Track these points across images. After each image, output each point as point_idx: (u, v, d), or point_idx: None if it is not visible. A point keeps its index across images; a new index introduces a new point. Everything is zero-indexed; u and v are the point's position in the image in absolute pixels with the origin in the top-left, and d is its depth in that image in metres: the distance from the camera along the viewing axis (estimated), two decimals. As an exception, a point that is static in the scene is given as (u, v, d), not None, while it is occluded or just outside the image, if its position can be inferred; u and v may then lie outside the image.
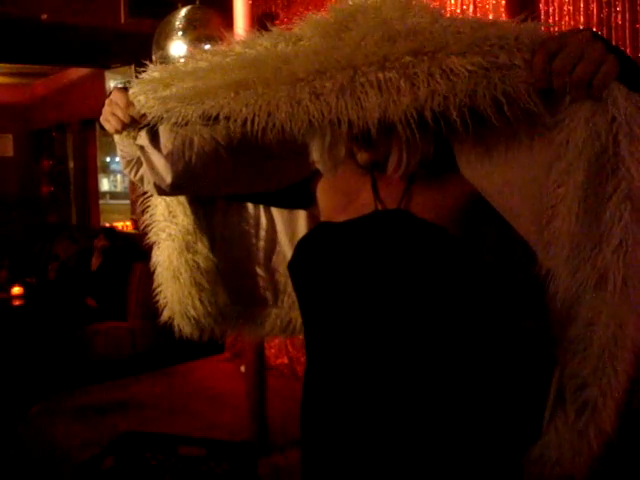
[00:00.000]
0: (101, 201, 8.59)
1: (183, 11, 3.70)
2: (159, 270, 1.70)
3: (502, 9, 2.98)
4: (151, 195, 1.66)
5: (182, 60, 1.34)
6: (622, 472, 2.71)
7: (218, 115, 1.21)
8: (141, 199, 1.70)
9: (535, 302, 1.36)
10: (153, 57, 3.71)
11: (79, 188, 8.12)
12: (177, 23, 3.66)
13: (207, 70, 1.24)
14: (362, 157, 1.32)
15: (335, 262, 1.34)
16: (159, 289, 1.70)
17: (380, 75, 1.07)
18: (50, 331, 4.84)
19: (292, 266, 1.43)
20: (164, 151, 1.41)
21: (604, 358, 1.20)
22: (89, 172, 8.01)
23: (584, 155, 0.99)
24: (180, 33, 3.63)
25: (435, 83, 1.04)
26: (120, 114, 1.36)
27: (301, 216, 1.67)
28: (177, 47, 3.63)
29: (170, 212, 1.66)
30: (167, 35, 3.66)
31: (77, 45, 5.21)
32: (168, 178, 1.44)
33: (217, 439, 2.75)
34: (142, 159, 1.45)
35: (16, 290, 5.45)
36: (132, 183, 5.71)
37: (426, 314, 1.27)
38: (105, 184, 11.17)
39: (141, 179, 1.50)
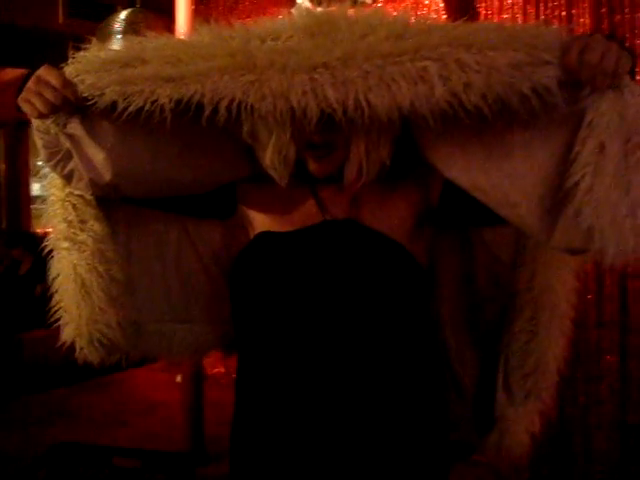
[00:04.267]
0: (33, 205, 8.34)
1: (123, 14, 3.64)
2: (60, 284, 1.45)
3: (442, 12, 3.05)
4: (48, 197, 1.45)
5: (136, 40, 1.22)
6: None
7: (178, 104, 1.14)
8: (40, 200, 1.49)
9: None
10: (91, 60, 3.63)
11: (11, 192, 7.89)
12: (117, 26, 3.59)
13: (179, 53, 1.16)
14: (319, 167, 1.31)
15: (284, 272, 1.32)
16: (59, 306, 1.46)
17: (410, 65, 1.07)
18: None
19: (234, 277, 1.39)
20: (105, 144, 1.26)
21: (545, 348, 1.38)
22: (21, 175, 7.79)
23: (614, 134, 1.07)
24: (120, 36, 3.56)
25: (472, 75, 1.06)
26: (50, 95, 1.16)
27: (216, 226, 1.59)
28: (116, 50, 3.57)
29: (78, 217, 1.42)
30: (106, 38, 3.58)
31: (12, 45, 5.07)
32: (107, 175, 1.28)
33: (153, 450, 2.70)
34: (73, 152, 1.27)
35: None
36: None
37: (376, 323, 1.28)
38: (37, 188, 10.83)
39: (69, 175, 1.32)
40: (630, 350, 2.71)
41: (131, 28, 3.58)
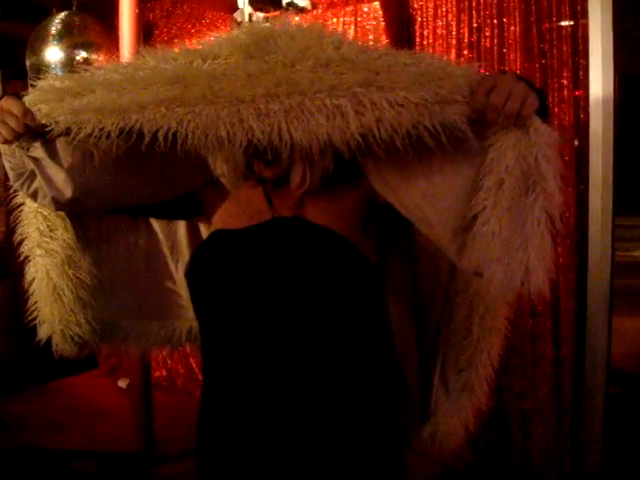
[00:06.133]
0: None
1: (60, 16, 3.58)
2: (35, 287, 1.59)
3: (381, 31, 3.15)
4: (22, 208, 1.57)
5: (83, 69, 1.32)
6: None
7: (128, 130, 1.22)
8: (14, 213, 1.56)
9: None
10: (27, 62, 3.58)
11: None
12: (53, 29, 3.53)
13: (123, 82, 1.24)
14: (266, 173, 1.40)
15: (236, 267, 1.39)
16: (35, 307, 1.60)
17: (327, 101, 1.15)
18: None
19: (190, 273, 1.47)
20: (64, 164, 1.35)
21: (480, 345, 1.48)
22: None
23: (513, 172, 1.15)
24: (56, 39, 3.51)
25: (383, 112, 1.14)
26: (13, 123, 1.27)
27: (181, 226, 1.69)
28: (53, 53, 3.50)
29: (48, 226, 1.55)
30: (42, 40, 3.52)
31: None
32: (68, 192, 1.38)
33: (108, 452, 2.70)
34: (36, 172, 1.36)
35: None
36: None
37: (324, 315, 1.36)
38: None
39: (35, 193, 1.41)
40: (561, 338, 2.87)
41: (68, 31, 3.54)
